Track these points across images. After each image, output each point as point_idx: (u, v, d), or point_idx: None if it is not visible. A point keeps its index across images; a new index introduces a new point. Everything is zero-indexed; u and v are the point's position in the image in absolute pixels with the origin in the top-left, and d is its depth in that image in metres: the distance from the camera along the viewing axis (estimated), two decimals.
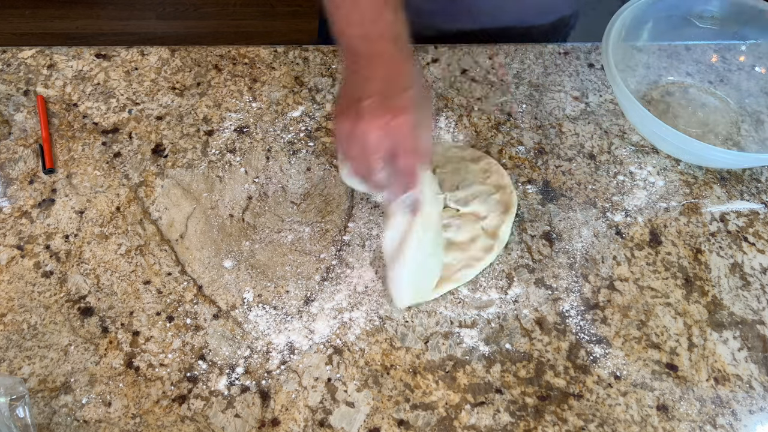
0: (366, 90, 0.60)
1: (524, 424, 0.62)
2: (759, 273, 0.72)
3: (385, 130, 0.59)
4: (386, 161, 0.61)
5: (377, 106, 0.59)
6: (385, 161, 0.60)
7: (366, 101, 0.59)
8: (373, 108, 0.59)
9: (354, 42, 0.62)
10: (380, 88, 0.60)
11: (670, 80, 0.89)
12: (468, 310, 0.68)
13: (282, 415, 0.61)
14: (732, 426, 0.62)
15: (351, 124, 0.60)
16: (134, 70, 0.85)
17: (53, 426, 0.60)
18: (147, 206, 0.74)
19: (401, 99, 0.60)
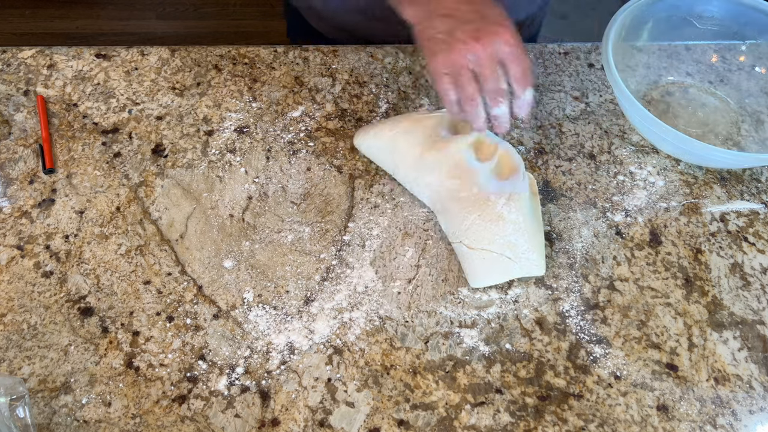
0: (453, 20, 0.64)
1: (524, 424, 0.62)
2: (759, 273, 0.72)
3: (497, 38, 0.62)
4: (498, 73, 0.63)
5: (476, 26, 0.63)
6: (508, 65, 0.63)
7: (460, 27, 0.63)
8: (473, 28, 0.63)
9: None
10: (466, 11, 0.64)
11: (670, 80, 0.89)
12: (468, 310, 0.68)
13: (282, 415, 0.61)
14: (732, 426, 0.62)
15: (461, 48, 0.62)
16: (134, 70, 0.85)
17: (53, 426, 0.60)
18: (147, 206, 0.74)
19: (495, 16, 0.64)
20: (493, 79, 0.64)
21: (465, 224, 0.69)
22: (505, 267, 0.68)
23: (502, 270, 0.68)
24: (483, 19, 0.64)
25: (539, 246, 0.70)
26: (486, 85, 0.64)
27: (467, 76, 0.64)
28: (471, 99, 0.65)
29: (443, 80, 0.65)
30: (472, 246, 0.68)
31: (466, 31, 0.63)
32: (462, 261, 0.70)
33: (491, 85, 0.64)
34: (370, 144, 0.77)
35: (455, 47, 0.63)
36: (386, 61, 0.88)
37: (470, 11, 0.64)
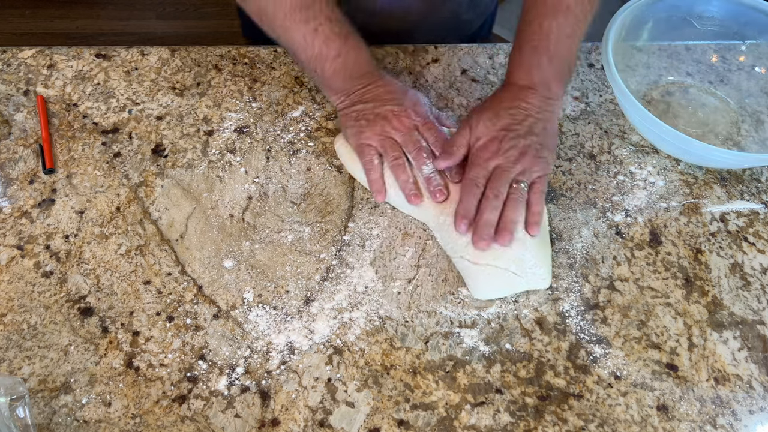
0: (376, 107, 0.74)
1: (524, 424, 0.62)
2: (759, 273, 0.72)
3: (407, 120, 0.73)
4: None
5: (392, 108, 0.74)
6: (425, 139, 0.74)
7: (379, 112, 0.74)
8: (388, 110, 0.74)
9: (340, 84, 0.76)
10: (386, 100, 0.74)
11: (670, 80, 0.89)
12: (468, 310, 0.68)
13: (282, 415, 0.61)
14: (732, 426, 0.62)
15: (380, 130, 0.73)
16: (134, 70, 0.85)
17: (53, 426, 0.60)
18: (147, 206, 0.74)
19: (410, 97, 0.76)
20: (414, 143, 0.72)
21: (465, 239, 0.68)
22: (511, 281, 0.68)
23: (507, 284, 0.68)
24: (397, 101, 0.74)
25: (545, 259, 0.69)
26: (407, 148, 0.72)
27: (390, 143, 0.73)
28: (396, 159, 0.72)
29: (367, 151, 0.73)
30: (477, 261, 0.68)
31: (381, 111, 0.73)
32: (464, 275, 0.69)
33: (412, 147, 0.72)
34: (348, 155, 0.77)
35: (377, 122, 0.73)
36: (386, 61, 0.88)
37: (387, 98, 0.74)
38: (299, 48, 0.75)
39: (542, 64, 0.73)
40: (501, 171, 0.69)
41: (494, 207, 0.68)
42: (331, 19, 0.74)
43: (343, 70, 0.75)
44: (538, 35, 0.73)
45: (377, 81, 0.76)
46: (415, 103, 0.74)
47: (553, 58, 0.73)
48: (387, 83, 0.76)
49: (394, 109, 0.73)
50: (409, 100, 0.74)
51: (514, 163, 0.69)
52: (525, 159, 0.69)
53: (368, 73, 0.76)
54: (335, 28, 0.74)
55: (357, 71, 0.75)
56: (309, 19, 0.73)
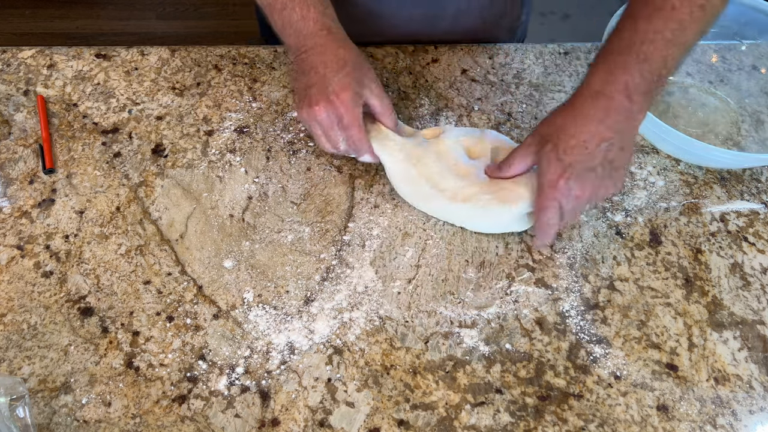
0: (310, 79, 0.70)
1: (524, 424, 0.62)
2: (759, 273, 0.72)
3: (331, 108, 0.69)
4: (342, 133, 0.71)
5: (320, 91, 0.69)
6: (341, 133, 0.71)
7: (312, 89, 0.70)
8: (317, 93, 0.69)
9: (290, 41, 0.72)
10: (320, 75, 0.70)
11: (670, 80, 0.89)
12: (468, 310, 0.68)
13: (282, 415, 0.61)
14: (732, 426, 0.62)
15: (306, 111, 0.70)
16: (134, 70, 0.85)
17: (53, 426, 0.60)
18: (147, 206, 0.74)
19: (339, 79, 0.69)
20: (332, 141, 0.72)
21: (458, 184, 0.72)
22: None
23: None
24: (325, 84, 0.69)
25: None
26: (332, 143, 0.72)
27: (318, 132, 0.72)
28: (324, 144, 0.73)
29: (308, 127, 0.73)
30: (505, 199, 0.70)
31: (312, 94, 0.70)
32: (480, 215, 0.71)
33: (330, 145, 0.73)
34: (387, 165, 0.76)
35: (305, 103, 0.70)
36: (386, 61, 0.88)
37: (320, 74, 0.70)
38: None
39: (628, 65, 0.63)
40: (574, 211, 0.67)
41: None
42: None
43: (289, 26, 0.71)
44: (630, 34, 0.64)
45: (318, 46, 0.70)
46: (338, 91, 0.68)
47: (644, 61, 0.63)
48: (325, 51, 0.70)
49: (320, 93, 0.69)
50: (335, 85, 0.68)
51: (587, 201, 0.66)
52: (597, 194, 0.66)
53: (314, 33, 0.70)
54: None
55: (304, 28, 0.71)
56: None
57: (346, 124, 0.70)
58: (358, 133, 0.70)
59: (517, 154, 0.69)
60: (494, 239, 0.73)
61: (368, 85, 0.71)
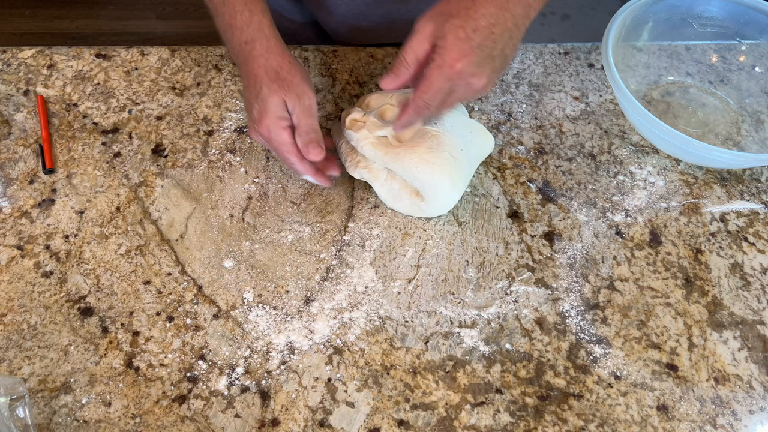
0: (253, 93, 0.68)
1: (524, 424, 0.62)
2: (759, 273, 0.72)
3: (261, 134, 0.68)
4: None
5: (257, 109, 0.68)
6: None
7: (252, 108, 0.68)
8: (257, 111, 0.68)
9: (235, 51, 0.71)
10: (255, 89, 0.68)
11: (670, 80, 0.89)
12: (468, 310, 0.68)
13: (282, 415, 0.61)
14: (732, 426, 0.62)
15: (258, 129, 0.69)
16: (134, 70, 0.85)
17: (53, 426, 0.60)
18: (147, 206, 0.74)
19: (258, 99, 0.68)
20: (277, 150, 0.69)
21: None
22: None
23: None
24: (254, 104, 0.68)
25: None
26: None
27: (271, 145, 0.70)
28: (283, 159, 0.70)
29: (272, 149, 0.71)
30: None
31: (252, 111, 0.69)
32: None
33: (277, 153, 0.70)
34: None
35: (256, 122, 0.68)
36: (386, 61, 0.88)
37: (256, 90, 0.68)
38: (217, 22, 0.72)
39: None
40: (457, 97, 0.63)
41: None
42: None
43: (223, 33, 0.71)
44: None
45: (249, 61, 0.69)
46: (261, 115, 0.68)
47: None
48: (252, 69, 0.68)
49: (255, 114, 0.68)
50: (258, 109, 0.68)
51: (472, 90, 0.62)
52: (485, 88, 0.62)
53: (246, 42, 0.69)
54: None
55: (239, 37, 0.69)
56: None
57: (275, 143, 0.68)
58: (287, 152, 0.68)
59: (410, 43, 0.61)
60: (494, 239, 0.73)
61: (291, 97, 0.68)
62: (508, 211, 0.75)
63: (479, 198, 0.76)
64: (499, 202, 0.76)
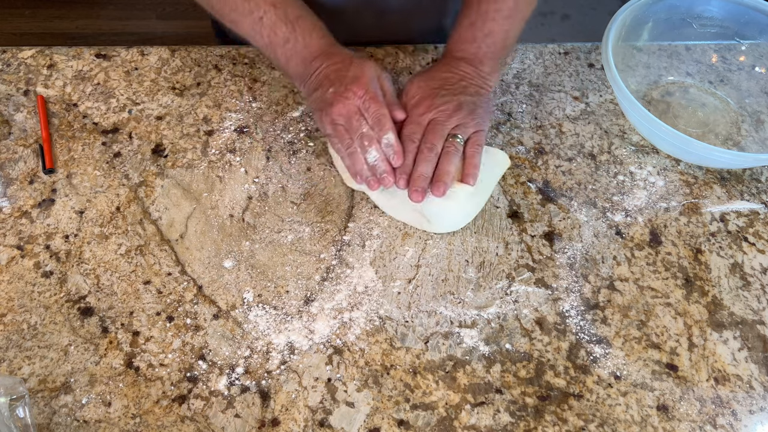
0: (324, 89, 0.71)
1: (524, 424, 0.62)
2: (759, 273, 0.72)
3: (351, 95, 0.70)
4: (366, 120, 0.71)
5: (336, 89, 0.70)
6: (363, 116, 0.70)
7: (327, 92, 0.71)
8: (333, 92, 0.70)
9: (299, 69, 0.74)
10: (331, 79, 0.71)
11: (670, 80, 0.89)
12: (468, 310, 0.68)
13: (282, 415, 0.61)
14: (732, 426, 0.62)
15: (326, 115, 0.71)
16: (134, 70, 0.85)
17: (53, 426, 0.60)
18: (147, 206, 0.74)
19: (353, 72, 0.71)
20: (355, 129, 0.70)
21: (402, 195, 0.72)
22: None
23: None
24: (341, 81, 0.71)
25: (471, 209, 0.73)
26: (352, 135, 0.71)
27: (341, 131, 0.71)
28: (347, 149, 0.71)
29: (330, 141, 0.74)
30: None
31: (328, 96, 0.71)
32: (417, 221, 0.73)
33: (354, 134, 0.70)
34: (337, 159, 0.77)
35: (327, 110, 0.71)
36: (386, 61, 0.88)
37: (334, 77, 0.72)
38: (251, 39, 0.75)
39: (477, 40, 0.76)
40: (435, 124, 0.71)
41: (429, 160, 0.70)
42: (276, 5, 0.73)
43: (295, 56, 0.74)
44: (476, 13, 0.76)
45: (327, 61, 0.73)
46: (355, 79, 0.71)
47: (488, 36, 0.76)
48: (336, 61, 0.73)
49: (337, 90, 0.70)
50: (350, 77, 0.71)
51: (448, 117, 0.71)
52: (459, 114, 0.71)
53: (321, 54, 0.73)
54: (281, 13, 0.73)
55: (309, 54, 0.73)
56: (252, 9, 0.73)
57: (366, 103, 0.70)
58: (379, 107, 0.70)
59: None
60: (494, 239, 0.73)
61: (382, 73, 0.73)
62: (508, 211, 0.75)
63: None
64: (499, 202, 0.76)
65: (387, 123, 0.70)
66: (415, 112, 0.72)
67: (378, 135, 0.70)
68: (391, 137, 0.70)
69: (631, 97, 0.74)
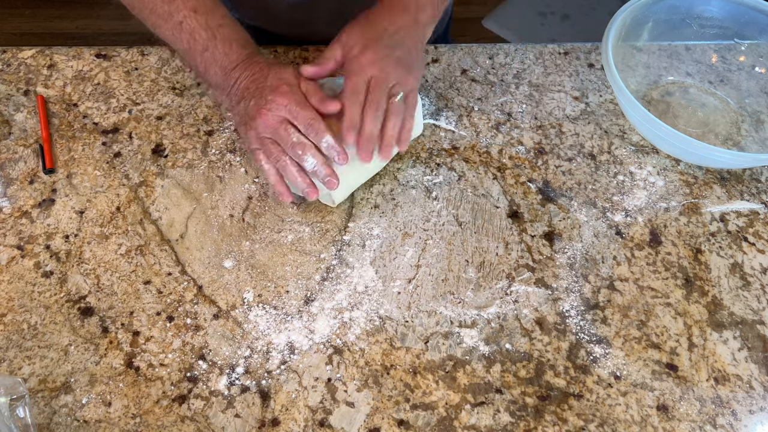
0: (246, 101, 0.70)
1: (524, 424, 0.62)
2: (759, 273, 0.72)
3: (273, 106, 0.68)
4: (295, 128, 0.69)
5: (257, 101, 0.68)
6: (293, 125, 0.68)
7: (249, 105, 0.69)
8: (255, 104, 0.69)
9: (218, 78, 0.72)
10: (251, 90, 0.70)
11: (670, 80, 0.89)
12: (468, 310, 0.68)
13: (282, 415, 0.61)
14: (732, 426, 0.62)
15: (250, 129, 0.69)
16: (134, 70, 0.85)
17: (53, 426, 0.60)
18: (147, 206, 0.74)
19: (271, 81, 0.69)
20: (284, 139, 0.68)
21: None
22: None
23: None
24: (260, 92, 0.69)
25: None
26: (284, 147, 0.69)
27: (268, 144, 0.69)
28: (278, 162, 0.69)
29: (256, 156, 0.71)
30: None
31: (250, 110, 0.69)
32: None
33: (286, 146, 0.68)
34: None
35: (251, 123, 0.69)
36: None
37: (254, 88, 0.70)
38: (172, 43, 0.74)
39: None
40: (378, 81, 0.69)
41: (377, 119, 0.69)
42: (197, 10, 0.71)
43: (214, 64, 0.72)
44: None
45: (246, 71, 0.71)
46: (275, 88, 0.68)
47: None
48: (254, 71, 0.71)
49: (258, 102, 0.68)
50: (269, 87, 0.69)
51: (388, 74, 0.69)
52: (398, 70, 0.70)
53: (240, 64, 0.71)
54: (201, 20, 0.71)
55: (229, 64, 0.71)
56: (173, 12, 0.71)
57: (292, 111, 0.67)
58: (308, 112, 0.68)
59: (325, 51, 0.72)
60: (494, 239, 0.73)
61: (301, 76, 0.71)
62: (508, 211, 0.75)
63: (479, 198, 0.76)
64: (499, 202, 0.76)
65: (321, 126, 0.68)
66: (356, 63, 0.69)
67: (315, 140, 0.68)
68: (329, 140, 0.68)
69: (631, 97, 0.74)
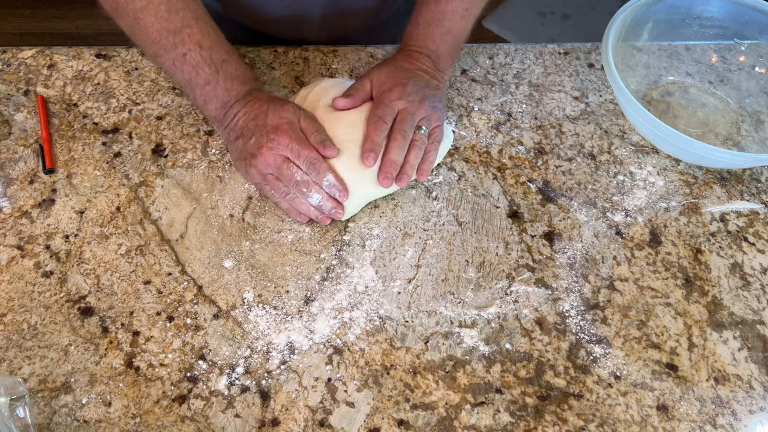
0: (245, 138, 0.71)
1: (524, 424, 0.62)
2: (759, 273, 0.72)
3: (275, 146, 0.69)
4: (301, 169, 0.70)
5: (258, 140, 0.70)
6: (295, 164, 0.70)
7: (249, 143, 0.70)
8: (255, 142, 0.70)
9: (217, 113, 0.74)
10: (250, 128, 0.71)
11: (670, 80, 0.89)
12: (468, 310, 0.68)
13: (282, 415, 0.61)
14: (732, 426, 0.62)
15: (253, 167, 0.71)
16: (134, 70, 0.85)
17: (53, 426, 0.60)
18: (147, 206, 0.74)
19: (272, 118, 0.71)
20: (288, 178, 0.70)
21: None
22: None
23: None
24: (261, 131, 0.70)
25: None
26: (287, 185, 0.71)
27: (272, 180, 0.71)
28: (285, 195, 0.71)
29: (261, 190, 0.73)
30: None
31: (251, 147, 0.71)
32: None
33: (290, 184, 0.70)
34: None
35: (253, 162, 0.70)
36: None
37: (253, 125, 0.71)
38: (168, 71, 0.74)
39: (436, 38, 0.78)
40: (406, 113, 0.73)
41: (402, 147, 0.72)
42: (202, 45, 0.72)
43: (214, 99, 0.73)
44: (434, 12, 0.78)
45: (244, 108, 0.73)
46: (276, 127, 0.70)
47: (446, 34, 0.79)
48: (253, 107, 0.72)
49: (259, 141, 0.70)
50: (270, 126, 0.70)
51: (417, 108, 0.73)
52: (425, 106, 0.74)
53: (240, 100, 0.73)
54: (206, 55, 0.72)
55: (229, 99, 0.73)
56: (177, 44, 0.71)
57: (293, 150, 0.69)
58: (309, 151, 0.70)
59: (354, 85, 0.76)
60: (494, 239, 0.73)
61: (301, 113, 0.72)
62: (508, 211, 0.75)
63: (479, 198, 0.76)
64: (499, 202, 0.76)
65: (322, 165, 0.70)
66: (387, 96, 0.73)
67: (317, 179, 0.70)
68: (331, 178, 0.70)
69: (631, 97, 0.74)
